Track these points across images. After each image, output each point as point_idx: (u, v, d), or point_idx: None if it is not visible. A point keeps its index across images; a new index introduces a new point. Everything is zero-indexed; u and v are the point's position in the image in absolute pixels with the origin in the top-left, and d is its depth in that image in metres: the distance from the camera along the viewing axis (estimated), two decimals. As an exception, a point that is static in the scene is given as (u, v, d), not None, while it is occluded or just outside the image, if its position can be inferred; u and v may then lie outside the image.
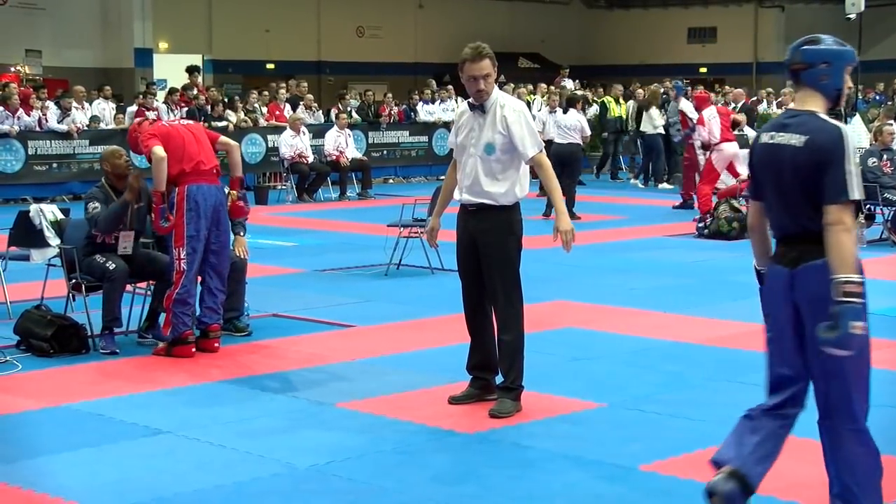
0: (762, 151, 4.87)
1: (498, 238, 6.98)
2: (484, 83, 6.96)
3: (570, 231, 6.95)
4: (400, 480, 5.85)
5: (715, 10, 41.60)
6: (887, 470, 4.93)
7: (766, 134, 4.89)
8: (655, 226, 16.66)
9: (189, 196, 8.51)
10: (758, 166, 4.91)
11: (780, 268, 4.85)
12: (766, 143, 4.85)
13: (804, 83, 4.83)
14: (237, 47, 34.92)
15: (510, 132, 6.90)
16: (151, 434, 6.65)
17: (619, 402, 7.29)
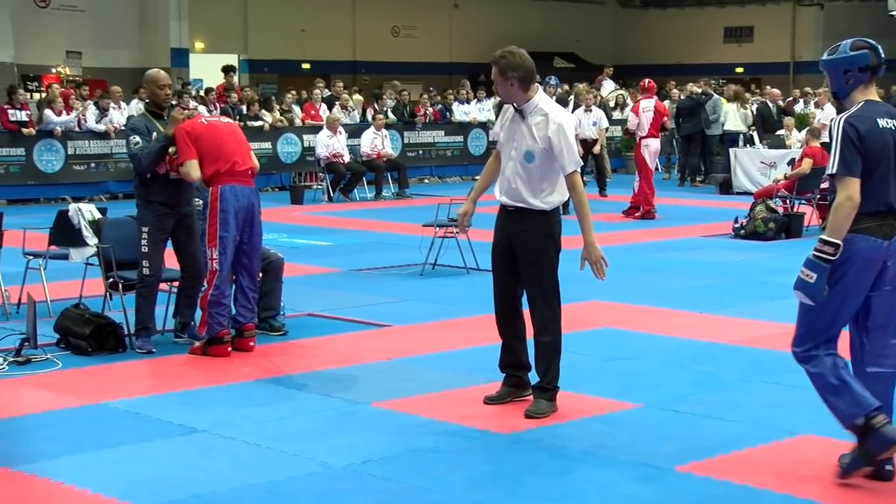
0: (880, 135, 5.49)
1: (536, 241, 6.97)
2: (499, 89, 7.04)
3: (601, 259, 6.92)
4: (435, 480, 5.86)
5: (752, 8, 41.33)
6: None
7: (882, 120, 5.50)
8: (691, 226, 16.60)
9: (222, 196, 8.54)
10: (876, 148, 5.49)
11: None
12: (884, 128, 5.48)
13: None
14: (273, 47, 35.03)
15: (550, 145, 6.88)
16: (187, 433, 6.69)
17: (654, 403, 7.27)
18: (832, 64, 5.64)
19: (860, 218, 5.47)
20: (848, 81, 5.62)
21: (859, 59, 5.58)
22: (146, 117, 8.96)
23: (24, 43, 28.36)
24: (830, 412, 5.67)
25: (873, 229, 5.50)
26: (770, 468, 5.95)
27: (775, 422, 6.78)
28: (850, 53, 5.60)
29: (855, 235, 5.49)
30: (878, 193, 5.50)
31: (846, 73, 5.60)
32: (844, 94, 5.67)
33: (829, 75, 5.69)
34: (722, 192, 21.61)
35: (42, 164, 20.13)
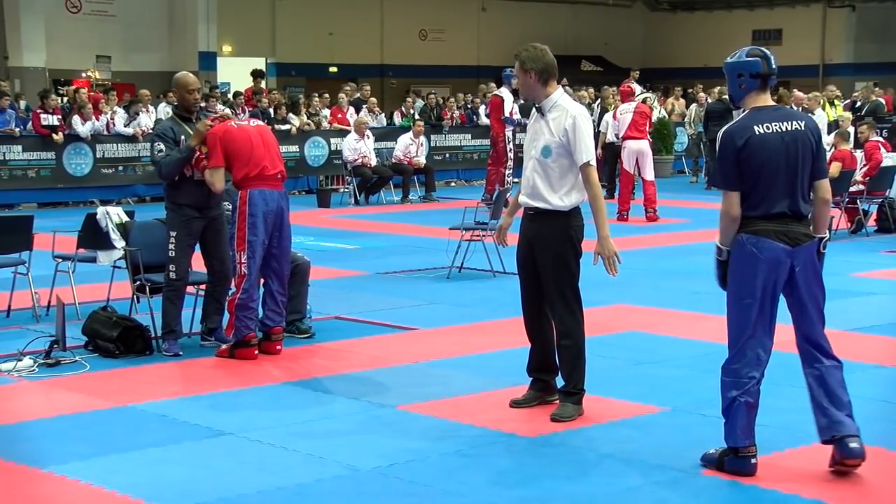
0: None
1: (554, 243, 6.95)
2: (520, 84, 7.17)
3: (613, 255, 6.91)
4: (462, 483, 5.86)
5: (781, 11, 41.15)
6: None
7: (761, 125, 5.76)
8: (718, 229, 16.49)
9: (251, 201, 8.56)
10: None
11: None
12: (764, 134, 5.74)
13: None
14: (300, 50, 35.14)
15: (567, 137, 6.89)
16: (215, 435, 6.71)
17: (682, 407, 7.25)
18: (728, 68, 5.91)
19: (757, 220, 5.75)
20: (740, 86, 5.88)
21: (750, 66, 5.82)
22: (174, 121, 8.98)
23: (56, 48, 28.59)
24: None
25: (771, 233, 5.72)
26: (799, 473, 5.92)
27: (804, 427, 6.72)
28: (744, 59, 5.86)
29: (753, 237, 5.76)
30: (770, 196, 5.72)
31: (739, 77, 5.86)
32: (738, 98, 5.93)
33: (727, 78, 5.94)
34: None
35: (71, 167, 20.25)
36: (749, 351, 5.83)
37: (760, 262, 5.72)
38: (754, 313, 5.78)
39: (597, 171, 7.07)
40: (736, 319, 5.86)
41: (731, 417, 5.87)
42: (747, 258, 5.76)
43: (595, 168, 7.00)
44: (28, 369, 8.15)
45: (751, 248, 5.75)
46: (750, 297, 5.77)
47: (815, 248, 5.84)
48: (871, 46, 38.63)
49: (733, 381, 5.87)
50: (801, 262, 5.76)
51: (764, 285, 5.74)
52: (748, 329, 5.81)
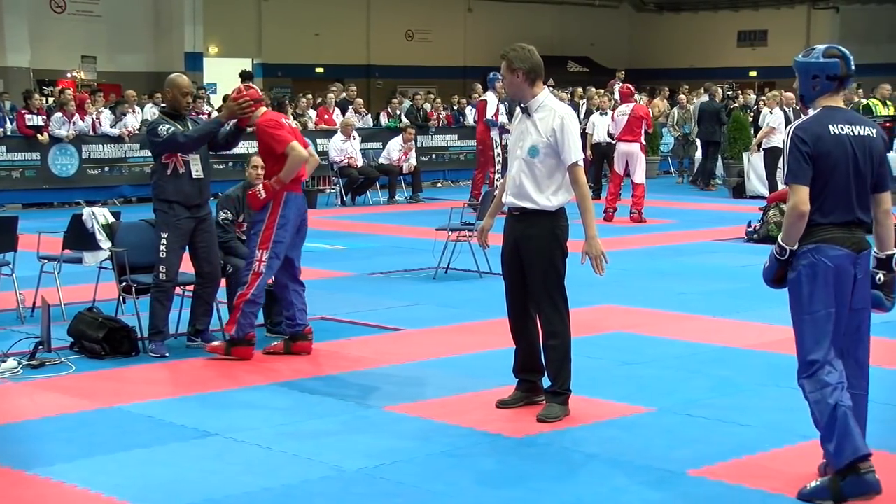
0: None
1: (541, 243, 6.96)
2: (506, 84, 7.18)
3: (600, 255, 6.91)
4: (448, 484, 5.87)
5: (766, 12, 41.28)
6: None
7: (835, 126, 5.49)
8: (705, 230, 16.58)
9: (287, 204, 8.57)
10: None
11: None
12: (837, 135, 5.48)
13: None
14: (287, 51, 35.12)
15: (555, 137, 6.90)
16: (201, 436, 6.70)
17: (668, 407, 7.26)
18: (803, 66, 5.63)
19: (828, 228, 5.46)
20: (815, 87, 5.61)
21: (829, 67, 5.56)
22: (163, 118, 8.92)
23: (40, 48, 28.52)
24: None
25: (842, 239, 5.47)
26: (784, 473, 5.94)
27: (790, 426, 6.76)
28: (822, 60, 5.58)
29: (824, 246, 5.46)
30: (841, 202, 5.47)
31: (814, 78, 5.58)
32: (810, 99, 5.66)
33: (798, 77, 5.68)
34: (735, 195, 21.59)
35: (56, 168, 20.18)
36: (831, 363, 5.48)
37: (830, 270, 5.45)
38: (828, 325, 5.48)
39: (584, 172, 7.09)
40: (814, 334, 5.48)
41: (839, 428, 5.35)
42: (817, 269, 5.46)
43: (582, 168, 7.02)
44: (12, 371, 8.12)
45: (821, 258, 5.45)
46: (824, 308, 5.46)
47: (870, 257, 5.60)
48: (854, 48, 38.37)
49: (828, 391, 5.41)
50: (862, 272, 5.53)
51: (837, 295, 5.47)
52: (825, 341, 5.48)
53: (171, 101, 9.00)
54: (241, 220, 9.38)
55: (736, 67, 39.44)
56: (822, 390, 5.43)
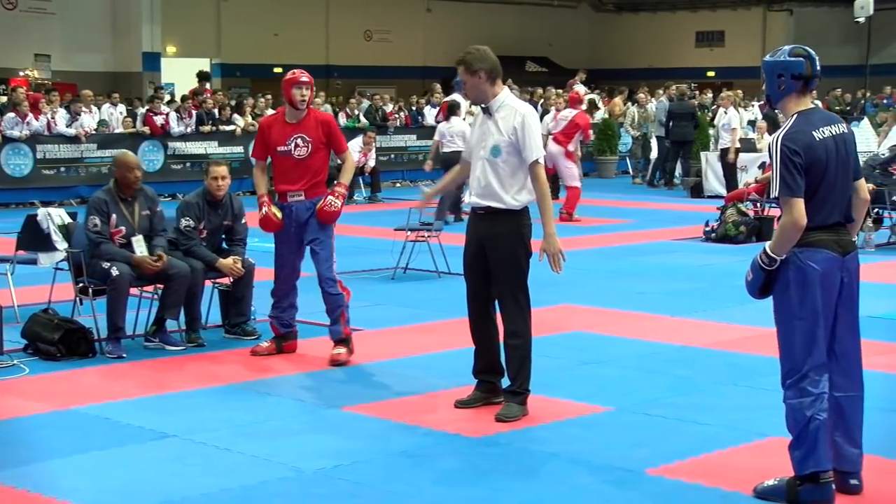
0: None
1: (507, 242, 6.97)
2: (466, 88, 7.14)
3: (559, 252, 6.93)
4: (408, 484, 5.85)
5: (723, 13, 41.56)
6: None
7: (817, 131, 5.43)
8: (663, 229, 16.65)
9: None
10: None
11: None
12: (821, 139, 5.42)
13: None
14: (245, 51, 35.00)
15: (517, 136, 6.91)
16: (159, 437, 6.65)
17: (627, 406, 7.28)
18: (769, 66, 5.61)
19: (813, 231, 5.40)
20: (780, 87, 5.57)
21: (793, 66, 5.53)
22: (111, 196, 8.96)
23: (-9, 45, 28.21)
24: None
25: (828, 242, 5.43)
26: (741, 471, 5.96)
27: (747, 425, 6.80)
28: (787, 59, 5.56)
29: (809, 250, 5.42)
30: (828, 205, 5.44)
31: (779, 77, 5.55)
32: (777, 99, 5.62)
33: (766, 77, 5.65)
34: (693, 195, 21.69)
35: (10, 168, 19.96)
36: (816, 369, 5.43)
37: (818, 274, 5.40)
38: (817, 330, 5.43)
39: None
40: (801, 340, 5.41)
41: (810, 440, 5.37)
42: (805, 274, 5.40)
43: (543, 166, 7.03)
44: (-35, 374, 8.04)
45: (807, 262, 5.39)
46: (812, 313, 5.39)
47: (857, 258, 5.57)
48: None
49: (807, 402, 5.39)
50: (849, 274, 5.50)
51: (824, 299, 5.42)
52: (816, 347, 5.43)
53: (119, 178, 9.00)
54: (202, 226, 9.31)
55: (694, 67, 39.66)
56: (801, 399, 5.41)
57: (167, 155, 21.79)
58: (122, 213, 8.90)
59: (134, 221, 8.93)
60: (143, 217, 8.99)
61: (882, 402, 7.18)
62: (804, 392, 5.40)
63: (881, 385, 7.70)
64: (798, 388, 5.42)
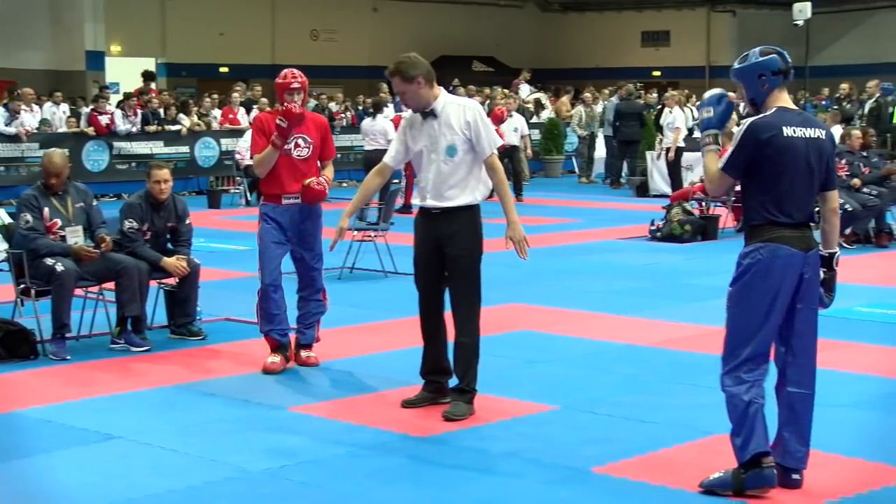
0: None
1: (465, 239, 7.00)
2: (404, 98, 7.05)
3: (524, 240, 6.96)
4: (354, 484, 5.84)
5: (668, 13, 41.80)
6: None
7: (790, 128, 5.56)
8: (609, 229, 16.72)
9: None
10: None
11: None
12: (791, 137, 5.55)
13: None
14: (191, 51, 34.75)
15: (471, 131, 6.92)
16: (104, 439, 6.60)
17: (574, 405, 7.30)
18: (746, 71, 5.72)
19: (780, 227, 5.55)
20: (763, 86, 5.68)
21: (770, 63, 5.67)
22: (41, 192, 8.91)
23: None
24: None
25: (792, 240, 5.56)
26: (686, 468, 6.00)
27: (693, 422, 6.85)
28: (761, 59, 5.70)
29: (772, 244, 5.55)
30: (794, 203, 5.58)
31: (761, 77, 5.68)
32: (762, 100, 5.71)
33: (743, 83, 5.75)
34: (639, 194, 21.82)
35: (-52, 168, 19.74)
36: (755, 359, 5.58)
37: (776, 268, 5.54)
38: (768, 322, 5.57)
39: None
40: (747, 327, 5.58)
41: (748, 424, 5.52)
42: (764, 265, 5.55)
43: (497, 156, 7.07)
44: None
45: (768, 254, 5.54)
46: (762, 303, 5.55)
47: (818, 257, 5.68)
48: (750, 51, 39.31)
49: (744, 388, 5.54)
50: (809, 270, 5.61)
51: (777, 292, 5.55)
52: (761, 337, 5.57)
53: (44, 177, 8.97)
54: (145, 228, 9.24)
55: (640, 67, 39.85)
56: (738, 386, 5.55)
57: (112, 155, 21.63)
58: (54, 206, 8.84)
59: (68, 213, 8.88)
60: (77, 209, 8.94)
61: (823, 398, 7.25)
62: (740, 380, 5.56)
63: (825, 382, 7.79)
64: (734, 376, 5.58)
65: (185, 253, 9.33)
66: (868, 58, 37.45)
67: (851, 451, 6.28)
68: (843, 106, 23.99)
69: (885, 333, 9.33)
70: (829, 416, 6.90)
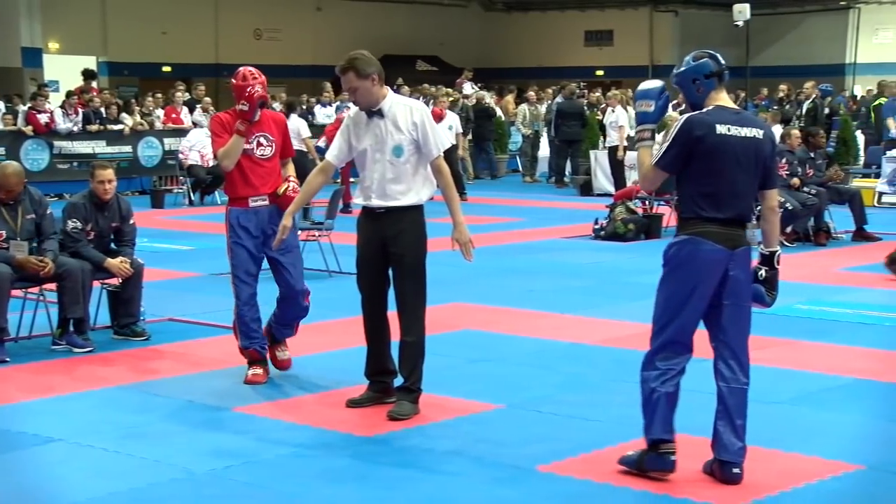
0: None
1: (411, 239, 7.00)
2: (355, 95, 7.00)
3: (469, 242, 7.00)
4: (299, 484, 5.84)
5: (611, 12, 42.05)
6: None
7: (723, 126, 5.67)
8: (553, 227, 16.78)
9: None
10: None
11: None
12: (723, 135, 5.67)
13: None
14: (133, 49, 34.46)
15: (419, 132, 6.92)
16: (44, 442, 6.54)
17: (518, 404, 7.33)
18: (681, 77, 5.88)
19: (705, 222, 5.68)
20: (699, 90, 5.83)
21: (703, 67, 5.82)
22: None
23: None
24: None
25: (717, 235, 5.68)
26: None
27: (637, 421, 6.82)
28: (693, 64, 5.85)
29: (696, 238, 5.69)
30: (723, 200, 5.69)
31: (695, 82, 5.83)
32: (700, 102, 5.84)
33: (682, 89, 5.91)
34: (583, 193, 21.91)
35: None
36: (672, 346, 5.77)
37: (699, 261, 5.67)
38: (685, 311, 5.73)
39: None
40: (665, 314, 5.80)
41: (650, 410, 5.80)
42: (687, 257, 5.70)
43: (443, 159, 7.09)
44: None
45: (691, 247, 5.69)
46: (684, 295, 5.71)
47: (749, 255, 5.80)
48: (694, 50, 39.63)
49: (654, 374, 5.80)
50: (736, 268, 5.72)
51: (699, 285, 5.69)
52: (677, 325, 5.75)
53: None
54: (89, 228, 9.16)
55: (583, 67, 40.04)
56: (650, 372, 5.83)
57: (53, 154, 21.39)
58: (2, 216, 8.75)
59: (16, 225, 8.78)
60: (27, 221, 8.84)
61: (763, 395, 7.34)
62: (654, 367, 5.81)
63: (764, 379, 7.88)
64: (650, 363, 5.84)
65: (129, 253, 9.27)
66: (804, 59, 38.13)
67: (790, 447, 6.36)
68: (783, 106, 24.25)
69: (823, 330, 9.45)
70: (769, 412, 7.01)
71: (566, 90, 24.00)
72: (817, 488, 5.76)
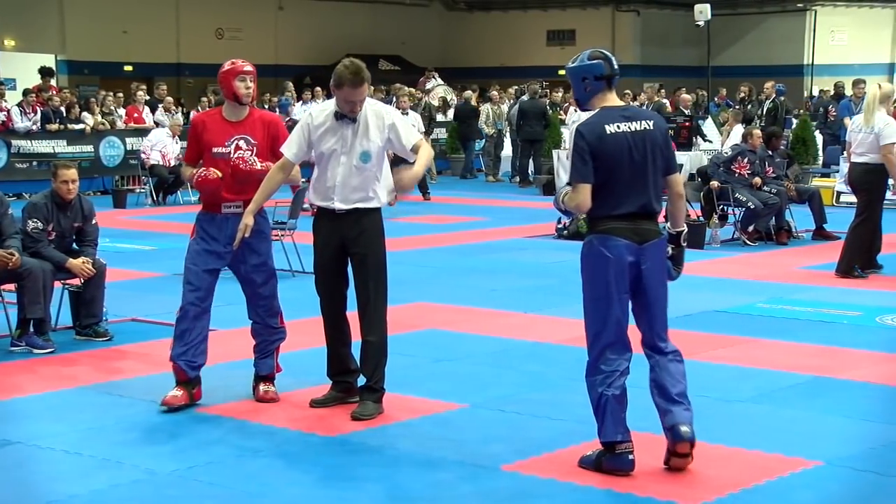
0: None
1: (373, 240, 7.01)
2: (359, 105, 6.95)
3: (407, 188, 6.86)
4: (263, 484, 5.82)
5: (573, 12, 42.18)
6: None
7: (612, 125, 5.78)
8: (516, 227, 16.81)
9: None
10: None
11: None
12: (613, 133, 5.77)
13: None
14: (93, 48, 34.26)
15: (394, 132, 6.93)
16: (1, 445, 6.48)
17: (481, 403, 7.34)
18: (572, 72, 5.97)
19: (606, 220, 5.80)
20: (586, 89, 5.93)
21: (594, 69, 5.90)
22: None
23: None
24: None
25: (623, 231, 5.78)
26: (593, 464, 6.06)
27: (598, 418, 6.91)
28: (587, 63, 5.92)
29: (603, 235, 5.81)
30: (619, 196, 5.79)
31: (584, 80, 5.92)
32: (585, 101, 5.97)
33: (571, 83, 6.02)
34: (545, 192, 21.95)
35: None
36: (610, 347, 5.85)
37: (610, 260, 5.76)
38: (611, 311, 5.82)
39: None
40: (594, 319, 5.88)
41: (600, 414, 5.86)
42: (597, 257, 5.80)
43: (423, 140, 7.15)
44: None
45: (599, 247, 5.78)
46: (605, 295, 5.80)
47: (663, 245, 5.92)
48: (655, 49, 40.15)
49: (599, 379, 5.87)
50: (647, 260, 5.81)
51: (616, 282, 5.78)
52: (608, 326, 5.83)
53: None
54: (50, 228, 9.11)
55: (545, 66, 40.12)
56: (595, 377, 5.90)
57: (10, 153, 21.20)
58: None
59: None
60: None
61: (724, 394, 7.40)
62: (598, 370, 5.88)
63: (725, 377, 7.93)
64: (594, 367, 5.91)
65: (91, 253, 9.21)
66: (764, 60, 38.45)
67: (751, 444, 6.40)
68: (744, 106, 24.41)
69: (784, 329, 9.51)
70: (730, 410, 7.07)
71: (529, 90, 24.04)
72: (778, 484, 5.81)
